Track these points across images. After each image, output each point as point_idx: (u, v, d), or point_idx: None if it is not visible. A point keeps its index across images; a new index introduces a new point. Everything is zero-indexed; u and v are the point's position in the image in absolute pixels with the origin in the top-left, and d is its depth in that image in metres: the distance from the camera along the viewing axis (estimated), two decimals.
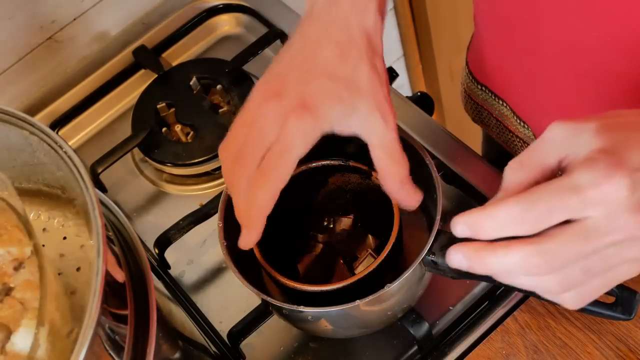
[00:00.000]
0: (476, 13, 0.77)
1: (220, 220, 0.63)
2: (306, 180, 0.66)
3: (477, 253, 0.45)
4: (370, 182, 0.65)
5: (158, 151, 0.84)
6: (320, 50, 0.57)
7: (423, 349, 0.68)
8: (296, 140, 0.54)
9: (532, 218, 0.43)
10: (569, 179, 0.42)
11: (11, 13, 0.88)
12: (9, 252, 0.51)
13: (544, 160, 0.45)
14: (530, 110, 0.75)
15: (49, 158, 0.52)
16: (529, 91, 0.73)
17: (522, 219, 0.43)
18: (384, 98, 0.56)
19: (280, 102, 0.55)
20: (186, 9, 0.97)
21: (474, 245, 0.46)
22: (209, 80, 0.89)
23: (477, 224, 0.45)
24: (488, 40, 0.76)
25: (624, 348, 0.66)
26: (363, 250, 0.67)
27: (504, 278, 0.46)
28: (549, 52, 0.66)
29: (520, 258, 0.43)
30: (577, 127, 0.44)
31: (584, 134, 0.44)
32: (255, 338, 0.70)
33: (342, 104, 0.55)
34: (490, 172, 0.76)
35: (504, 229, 0.44)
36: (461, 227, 0.46)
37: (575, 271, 0.43)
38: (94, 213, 0.47)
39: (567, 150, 0.44)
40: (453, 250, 0.47)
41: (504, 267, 0.44)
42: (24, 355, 0.47)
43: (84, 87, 0.93)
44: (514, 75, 0.74)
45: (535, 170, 0.45)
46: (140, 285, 0.54)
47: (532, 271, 0.44)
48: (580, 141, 0.44)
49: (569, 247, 0.43)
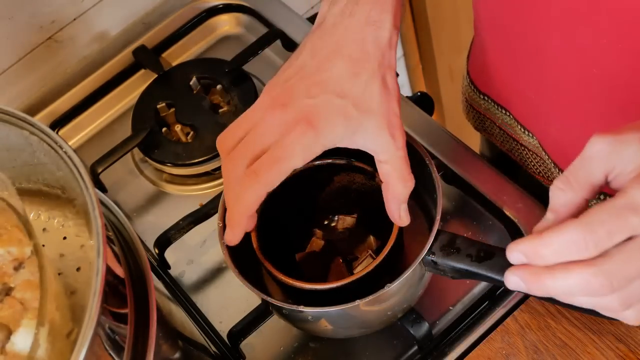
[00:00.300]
0: (477, 21, 0.77)
1: (220, 220, 0.63)
2: (311, 177, 0.66)
3: (535, 277, 0.45)
4: (374, 184, 0.65)
5: (158, 151, 0.84)
6: (333, 63, 0.56)
7: (423, 349, 0.68)
8: (296, 151, 0.54)
9: (593, 243, 0.42)
10: (624, 198, 0.42)
11: (11, 13, 0.88)
12: (9, 252, 0.51)
13: (590, 177, 0.44)
14: (535, 119, 0.75)
15: (49, 158, 0.52)
16: (533, 100, 0.72)
17: (583, 245, 0.42)
18: (394, 116, 0.56)
19: (286, 113, 0.55)
20: (186, 9, 0.97)
21: (532, 269, 0.45)
22: (209, 80, 0.89)
23: (535, 252, 0.44)
24: (490, 48, 0.75)
25: (624, 348, 0.66)
26: (364, 251, 0.67)
27: (563, 299, 0.45)
28: (555, 60, 0.65)
29: (583, 280, 0.43)
30: (620, 140, 0.44)
31: (629, 147, 0.43)
32: (255, 338, 0.70)
33: (348, 123, 0.55)
34: (490, 172, 0.76)
35: (563, 255, 0.43)
36: (517, 255, 0.45)
37: (637, 288, 0.43)
38: (94, 213, 0.47)
39: (612, 164, 0.44)
40: (510, 273, 0.46)
41: (564, 289, 0.44)
42: (24, 355, 0.47)
43: (84, 87, 0.93)
44: (518, 84, 0.73)
45: (583, 187, 0.45)
46: (140, 285, 0.54)
47: (594, 292, 0.43)
48: (625, 154, 0.43)
49: (630, 266, 0.42)
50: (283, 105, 0.55)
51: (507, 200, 0.74)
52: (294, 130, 0.54)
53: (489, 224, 0.75)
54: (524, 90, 0.73)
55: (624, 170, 0.43)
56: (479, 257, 0.56)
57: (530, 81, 0.71)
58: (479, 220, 0.75)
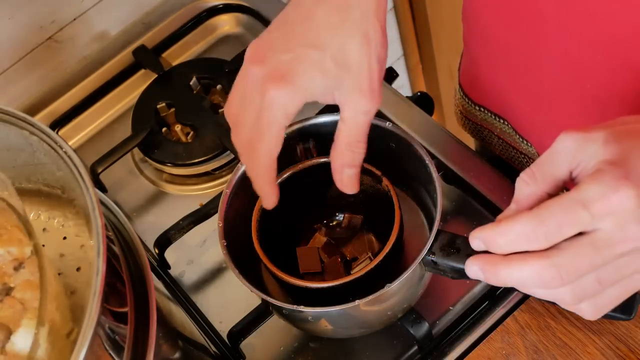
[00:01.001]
0: (467, 35, 0.76)
1: (220, 220, 0.63)
2: (318, 174, 0.66)
3: (492, 266, 0.46)
4: (380, 187, 0.65)
5: (158, 151, 0.84)
6: (314, 13, 0.54)
7: (423, 349, 0.68)
8: (276, 112, 0.53)
9: (543, 234, 0.43)
10: (577, 192, 0.42)
11: (11, 13, 0.88)
12: (9, 252, 0.51)
13: (555, 172, 0.45)
14: (532, 129, 0.75)
15: (49, 158, 0.52)
16: (529, 111, 0.72)
17: (533, 236, 0.43)
18: (372, 75, 0.53)
19: (262, 69, 0.54)
20: (186, 9, 0.97)
21: (490, 258, 0.46)
22: (209, 80, 0.89)
23: (492, 240, 0.45)
24: (483, 62, 0.75)
25: (624, 348, 0.66)
26: (364, 252, 0.67)
27: (520, 289, 0.46)
28: (550, 74, 0.65)
29: (534, 272, 0.44)
30: (586, 137, 0.44)
31: (592, 144, 0.44)
32: (255, 338, 0.70)
33: (325, 77, 0.53)
34: (490, 172, 0.76)
35: (516, 245, 0.44)
36: (477, 242, 0.46)
37: (589, 282, 0.44)
38: (94, 213, 0.47)
39: (577, 160, 0.44)
40: (470, 262, 0.47)
41: (519, 280, 0.45)
42: (24, 355, 0.47)
43: (84, 87, 0.93)
44: (513, 96, 0.73)
45: (547, 182, 0.45)
46: (140, 285, 0.54)
47: (546, 284, 0.44)
48: (588, 151, 0.44)
49: (581, 259, 0.43)
50: (260, 62, 0.54)
51: (507, 200, 0.73)
52: (269, 87, 0.53)
53: None
54: (518, 101, 0.73)
55: (586, 167, 0.44)
56: None
57: (525, 94, 0.71)
58: (479, 220, 0.75)
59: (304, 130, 0.66)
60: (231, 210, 0.64)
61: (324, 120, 0.66)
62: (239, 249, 0.63)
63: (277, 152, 0.55)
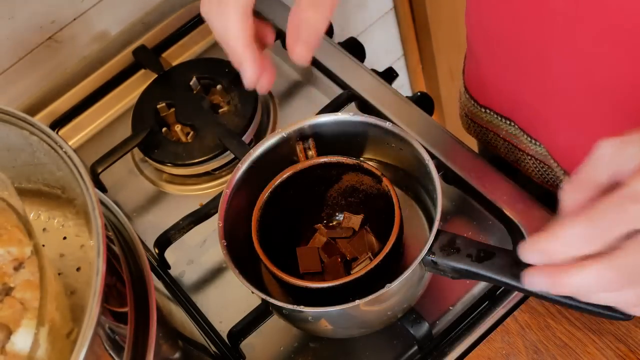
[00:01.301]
0: (471, 36, 0.76)
1: (220, 220, 0.63)
2: (318, 174, 0.66)
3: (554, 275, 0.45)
4: (380, 188, 0.65)
5: (158, 151, 0.84)
6: None
7: (423, 349, 0.68)
8: None
9: (596, 234, 0.43)
10: (624, 189, 0.42)
11: (11, 13, 0.88)
12: (9, 252, 0.51)
13: (595, 178, 0.45)
14: (542, 128, 0.74)
15: (49, 158, 0.52)
16: (538, 109, 0.72)
17: (587, 237, 0.43)
18: None
19: None
20: (186, 9, 0.97)
21: (550, 267, 0.45)
22: (209, 80, 0.89)
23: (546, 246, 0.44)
24: (488, 62, 0.75)
25: (624, 348, 0.66)
26: (364, 252, 0.67)
27: (585, 297, 0.46)
28: (561, 68, 0.65)
29: (595, 275, 0.43)
30: (624, 141, 0.44)
31: (631, 147, 0.44)
32: (255, 338, 0.70)
33: None
34: (490, 172, 0.76)
35: (572, 247, 0.44)
36: (538, 255, 0.45)
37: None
38: (94, 213, 0.47)
39: (616, 164, 0.44)
40: (530, 274, 0.46)
41: (581, 286, 0.44)
42: (24, 355, 0.47)
43: (84, 87, 0.93)
44: (521, 95, 0.73)
45: (589, 189, 0.45)
46: (140, 285, 0.54)
47: (608, 286, 0.43)
48: (627, 154, 0.44)
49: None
50: None
51: (507, 200, 0.73)
52: None
53: (489, 224, 0.75)
54: (528, 100, 0.72)
55: (627, 169, 0.44)
56: (479, 257, 0.56)
57: (535, 91, 0.71)
58: (479, 220, 0.75)
59: (304, 130, 0.67)
60: (231, 210, 0.64)
61: (323, 120, 0.66)
62: (239, 249, 0.63)
63: (251, 3, 0.53)
